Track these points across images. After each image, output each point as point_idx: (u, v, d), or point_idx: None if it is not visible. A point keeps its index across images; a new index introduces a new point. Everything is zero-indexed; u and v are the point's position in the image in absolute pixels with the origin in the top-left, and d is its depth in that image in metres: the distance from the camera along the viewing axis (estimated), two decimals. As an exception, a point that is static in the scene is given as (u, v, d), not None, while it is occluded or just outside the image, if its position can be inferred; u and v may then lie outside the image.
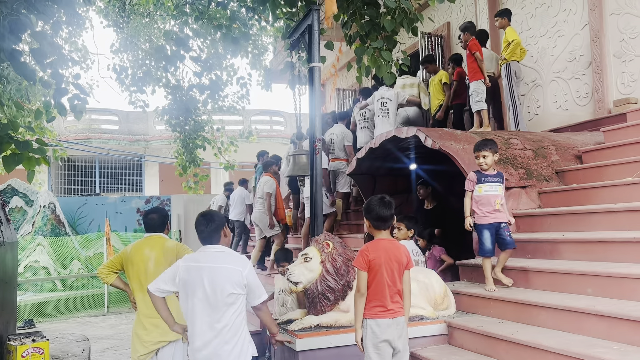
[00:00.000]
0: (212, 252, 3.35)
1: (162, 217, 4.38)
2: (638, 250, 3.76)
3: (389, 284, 3.33)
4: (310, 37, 5.17)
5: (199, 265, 3.29)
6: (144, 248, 4.22)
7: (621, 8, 6.61)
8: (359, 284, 3.34)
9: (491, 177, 4.55)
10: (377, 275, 3.31)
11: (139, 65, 12.46)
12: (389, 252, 3.36)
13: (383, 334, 3.28)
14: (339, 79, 14.16)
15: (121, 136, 21.71)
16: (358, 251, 3.43)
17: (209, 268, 3.26)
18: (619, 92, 6.65)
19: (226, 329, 3.22)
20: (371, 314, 3.32)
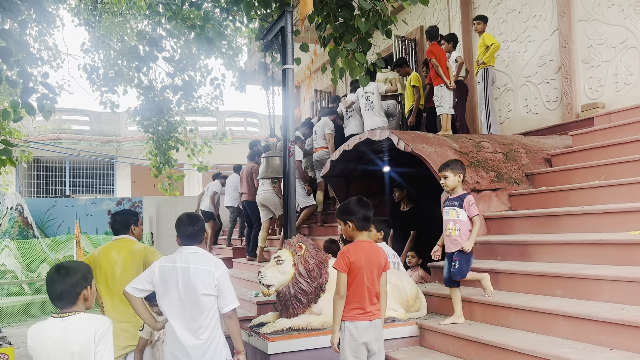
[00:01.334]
0: (188, 254, 3.36)
1: (125, 220, 4.30)
2: (603, 252, 3.83)
3: (368, 287, 3.32)
4: (283, 38, 5.16)
5: (174, 265, 3.32)
6: (112, 251, 4.16)
7: (589, 15, 6.76)
8: (338, 286, 3.30)
9: (449, 201, 4.35)
10: (357, 277, 3.30)
11: (110, 65, 12.26)
12: (369, 254, 3.36)
13: (361, 336, 3.27)
14: (315, 81, 14.16)
15: (92, 137, 21.32)
16: (338, 254, 3.37)
17: (182, 269, 3.28)
18: (586, 97, 6.80)
19: (201, 330, 3.24)
20: (350, 316, 3.29)
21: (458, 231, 4.18)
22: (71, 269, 2.59)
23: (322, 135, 8.55)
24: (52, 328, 2.51)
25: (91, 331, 2.50)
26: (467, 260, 4.19)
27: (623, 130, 5.43)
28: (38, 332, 2.53)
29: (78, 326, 2.51)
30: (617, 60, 6.42)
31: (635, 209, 4.00)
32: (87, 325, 2.52)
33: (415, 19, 10.21)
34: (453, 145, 5.60)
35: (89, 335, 2.49)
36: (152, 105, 12.32)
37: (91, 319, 2.58)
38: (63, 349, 2.47)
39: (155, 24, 9.89)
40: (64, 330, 2.49)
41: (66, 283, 2.53)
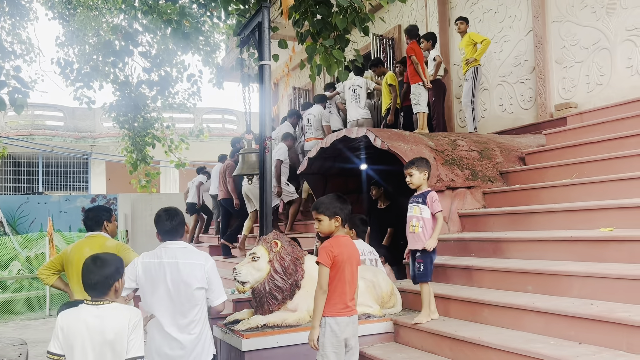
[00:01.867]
0: (173, 248, 3.31)
1: (97, 216, 4.23)
2: (574, 249, 3.90)
3: (349, 282, 3.33)
4: (260, 34, 5.13)
5: (160, 261, 3.26)
6: (84, 248, 4.06)
7: (563, 16, 6.86)
8: (321, 281, 3.27)
9: (413, 197, 4.35)
10: (339, 272, 3.29)
11: (85, 60, 12.06)
12: (349, 249, 3.37)
13: (342, 332, 3.27)
14: (294, 79, 14.12)
15: (66, 133, 20.95)
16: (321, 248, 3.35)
17: (171, 264, 3.24)
18: (560, 96, 6.90)
19: (192, 325, 3.23)
20: (332, 312, 3.28)
21: (421, 228, 4.17)
22: (107, 261, 2.70)
23: (319, 125, 8.51)
24: (88, 314, 2.59)
25: (125, 320, 2.59)
26: (432, 260, 4.19)
27: (594, 129, 5.54)
28: (73, 317, 2.60)
29: (112, 314, 2.60)
30: (589, 61, 6.54)
31: (605, 207, 4.08)
32: (121, 314, 2.62)
33: (393, 17, 10.25)
34: (429, 144, 5.64)
35: (124, 324, 2.58)
36: (128, 101, 12.16)
37: (124, 308, 2.67)
38: (98, 336, 2.55)
39: (131, 18, 9.76)
40: (99, 317, 2.58)
41: (101, 274, 2.64)
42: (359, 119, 8.37)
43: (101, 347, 2.56)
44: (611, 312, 3.08)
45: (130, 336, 2.58)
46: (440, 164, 5.41)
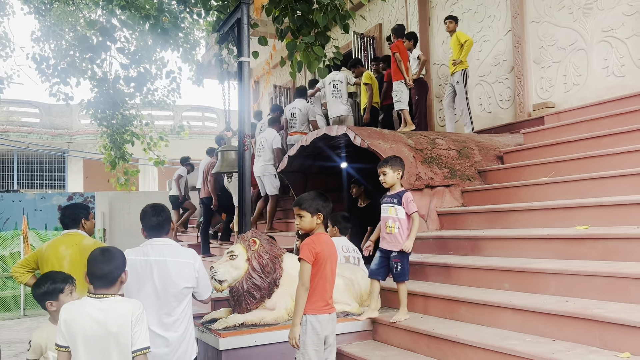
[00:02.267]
0: (160, 246, 3.28)
1: (74, 213, 4.15)
2: (550, 247, 3.93)
3: (329, 279, 3.32)
4: (239, 30, 5.08)
5: (147, 259, 3.21)
6: (60, 246, 4.01)
7: (541, 17, 6.94)
8: (303, 277, 3.24)
9: (387, 197, 4.34)
10: (321, 269, 3.27)
11: (62, 55, 11.86)
12: (329, 247, 3.36)
13: (323, 330, 3.26)
14: (274, 77, 14.07)
15: (43, 130, 20.58)
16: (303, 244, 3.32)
17: (159, 262, 3.20)
18: (538, 96, 6.98)
19: (178, 322, 3.23)
20: (313, 309, 3.26)
21: (397, 229, 4.18)
22: (114, 254, 2.75)
23: (304, 120, 8.43)
24: (91, 307, 2.62)
25: (128, 313, 2.62)
26: (408, 259, 4.22)
27: (571, 129, 5.60)
28: (76, 310, 2.62)
29: (115, 308, 2.63)
30: (566, 62, 6.62)
31: (581, 205, 4.12)
32: (124, 307, 2.64)
33: (374, 16, 10.27)
34: (408, 142, 5.65)
35: (127, 317, 2.61)
36: (106, 97, 12.00)
37: (126, 301, 2.71)
38: (102, 328, 2.58)
39: (108, 13, 9.61)
40: (102, 310, 2.60)
41: (110, 266, 2.68)
42: (341, 115, 8.36)
43: (105, 340, 2.58)
44: (585, 308, 3.11)
45: (134, 329, 2.61)
46: (419, 162, 5.42)
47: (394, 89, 7.39)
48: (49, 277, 3.17)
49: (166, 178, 18.39)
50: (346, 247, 5.02)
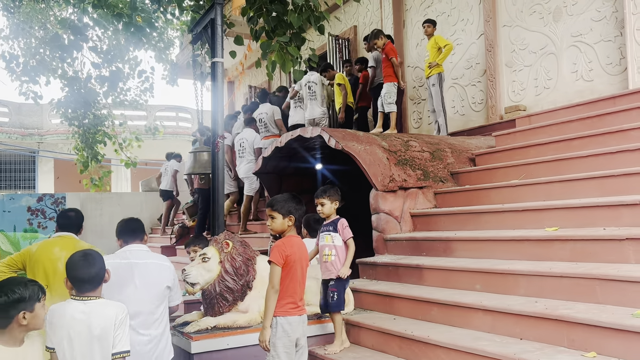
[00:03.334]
0: (137, 250, 3.45)
1: (80, 218, 4.26)
2: (521, 248, 3.98)
3: (300, 282, 3.32)
4: (213, 31, 5.04)
5: (129, 262, 3.35)
6: (53, 247, 3.95)
7: (512, 21, 7.04)
8: (272, 280, 3.24)
9: (324, 226, 4.31)
10: (291, 271, 3.28)
11: (31, 54, 11.60)
12: (300, 250, 3.37)
13: (294, 332, 3.26)
14: (249, 77, 14.01)
15: (12, 129, 20.12)
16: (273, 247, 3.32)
17: (139, 264, 3.35)
18: (510, 99, 7.08)
19: (157, 322, 3.35)
20: (283, 311, 3.26)
21: (334, 256, 4.14)
22: (95, 256, 2.77)
23: (272, 122, 8.40)
24: (74, 310, 2.64)
25: (112, 316, 2.66)
26: (345, 288, 4.19)
27: (542, 131, 5.69)
28: (60, 312, 2.65)
29: (99, 310, 2.66)
30: (537, 65, 6.72)
31: (551, 207, 4.19)
32: (107, 310, 2.68)
33: (349, 19, 10.30)
34: (382, 144, 5.67)
35: (110, 320, 2.65)
36: (77, 97, 11.75)
37: (111, 304, 2.74)
38: (85, 331, 2.61)
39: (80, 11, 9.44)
40: (86, 313, 2.63)
41: (95, 268, 2.72)
42: (316, 117, 8.34)
43: (88, 342, 2.61)
44: (554, 309, 3.16)
45: (116, 332, 2.65)
46: (393, 164, 5.45)
47: (386, 91, 7.33)
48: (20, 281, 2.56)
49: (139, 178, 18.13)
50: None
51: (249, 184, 8.01)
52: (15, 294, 2.43)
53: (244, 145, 8.10)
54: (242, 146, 8.11)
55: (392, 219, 5.28)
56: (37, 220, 13.10)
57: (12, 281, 2.55)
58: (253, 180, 7.93)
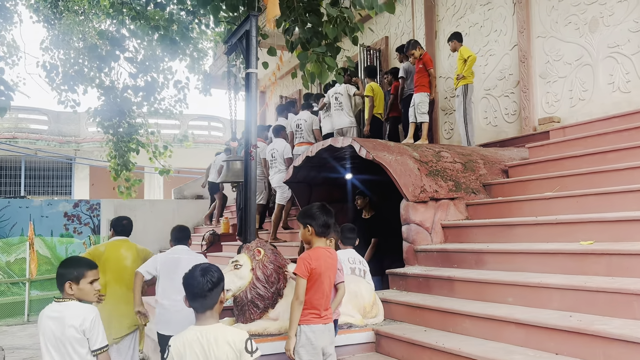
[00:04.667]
0: (181, 249, 4.84)
1: (130, 225, 5.30)
2: (554, 261, 3.93)
3: (326, 293, 3.35)
4: (247, 42, 5.13)
5: (175, 256, 4.73)
6: (120, 249, 5.04)
7: (547, 32, 6.97)
8: (297, 292, 3.30)
9: None
10: (317, 283, 3.32)
11: (70, 64, 11.96)
12: (327, 261, 3.39)
13: (318, 340, 3.28)
14: (280, 87, 14.16)
15: (50, 137, 20.72)
16: (299, 259, 3.38)
17: (181, 259, 4.67)
18: (543, 111, 7.00)
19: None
20: (306, 320, 3.31)
21: None
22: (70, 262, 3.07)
23: (310, 130, 8.55)
24: (50, 310, 2.92)
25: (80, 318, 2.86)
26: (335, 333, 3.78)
27: (577, 144, 5.62)
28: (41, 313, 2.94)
29: (70, 312, 2.88)
30: (572, 77, 6.64)
31: (585, 220, 4.13)
32: (78, 312, 2.89)
33: (381, 29, 10.34)
34: (413, 154, 5.67)
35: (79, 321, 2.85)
36: (113, 106, 12.05)
37: (82, 307, 2.94)
38: (57, 331, 2.85)
39: (118, 23, 9.72)
40: (59, 313, 2.88)
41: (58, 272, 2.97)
42: (343, 127, 8.41)
43: (60, 342, 2.84)
44: (589, 324, 3.11)
45: (91, 332, 2.86)
46: (424, 174, 5.44)
47: (420, 101, 7.34)
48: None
49: (172, 186, 18.45)
50: (352, 258, 5.01)
51: (281, 193, 8.11)
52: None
53: (275, 156, 8.21)
54: (274, 156, 8.22)
55: (423, 230, 5.26)
56: (72, 226, 13.46)
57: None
58: (285, 189, 8.00)
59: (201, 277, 2.54)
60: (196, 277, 2.55)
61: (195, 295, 2.55)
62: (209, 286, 2.54)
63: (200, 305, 2.55)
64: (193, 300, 2.56)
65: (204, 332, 2.52)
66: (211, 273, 2.57)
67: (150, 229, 14.04)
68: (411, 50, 7.52)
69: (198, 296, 2.54)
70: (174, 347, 2.49)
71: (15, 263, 11.83)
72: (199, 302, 2.55)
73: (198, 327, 2.55)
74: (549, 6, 6.96)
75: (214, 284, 2.55)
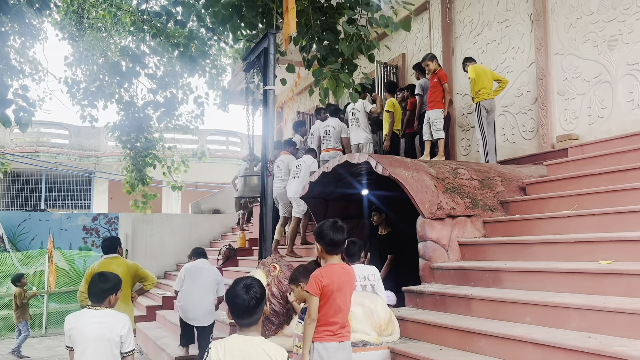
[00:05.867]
0: (201, 262, 6.87)
1: (115, 242, 5.77)
2: (573, 281, 3.88)
3: (341, 309, 3.33)
4: (265, 59, 5.20)
5: (196, 266, 6.77)
6: (111, 265, 5.38)
7: (565, 49, 6.95)
8: (310, 310, 3.29)
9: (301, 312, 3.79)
10: (329, 300, 3.30)
11: (92, 79, 12.22)
12: (341, 278, 3.37)
13: (331, 358, 3.25)
14: (297, 103, 14.26)
15: (71, 151, 21.08)
16: (311, 277, 3.38)
17: (201, 269, 6.71)
18: (562, 128, 6.95)
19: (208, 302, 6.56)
20: (319, 337, 3.29)
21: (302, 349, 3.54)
22: (108, 278, 3.69)
23: (338, 137, 8.62)
24: (89, 316, 3.51)
25: (120, 323, 3.51)
26: None
27: (595, 161, 5.56)
28: (77, 317, 3.52)
29: (108, 318, 3.51)
30: (591, 94, 6.60)
31: (604, 239, 4.08)
32: (115, 318, 3.54)
33: (397, 46, 10.39)
34: (430, 171, 5.66)
35: (118, 326, 3.49)
36: (132, 121, 12.28)
37: (117, 314, 3.59)
38: (97, 334, 3.43)
39: (139, 40, 9.92)
40: (98, 317, 3.50)
41: (101, 287, 3.60)
42: (360, 142, 8.44)
43: (101, 343, 3.43)
44: (608, 346, 3.05)
45: (126, 336, 3.50)
46: (441, 191, 5.42)
47: (435, 117, 7.33)
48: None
49: (189, 200, 18.59)
50: (363, 274, 4.95)
51: (297, 206, 8.02)
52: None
53: (300, 167, 8.21)
54: (299, 168, 8.22)
55: (440, 247, 5.23)
56: (91, 239, 13.60)
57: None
58: (301, 202, 7.98)
59: (245, 294, 2.53)
60: (240, 295, 2.53)
61: (241, 313, 2.54)
62: (254, 302, 2.53)
63: (247, 321, 2.55)
64: (239, 317, 2.55)
65: (247, 342, 2.51)
66: (254, 289, 2.57)
67: (167, 242, 14.15)
68: (427, 61, 7.51)
69: (244, 313, 2.53)
70: (214, 351, 2.48)
71: (35, 275, 11.98)
72: (245, 319, 2.54)
73: (241, 336, 2.54)
74: (567, 23, 6.95)
75: (259, 300, 2.56)
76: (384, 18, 5.32)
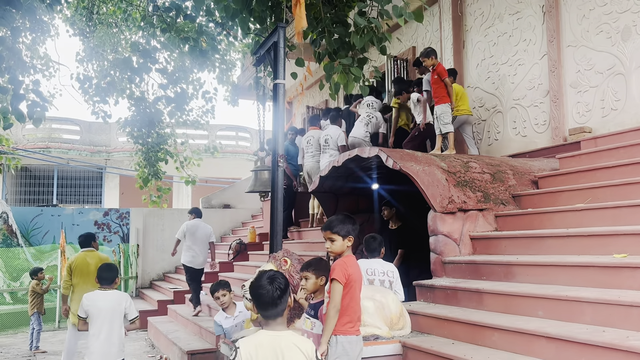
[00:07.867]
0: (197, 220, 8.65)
1: (90, 237, 6.89)
2: (586, 274, 3.85)
3: (358, 301, 3.34)
4: (275, 53, 5.18)
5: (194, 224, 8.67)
6: (86, 258, 6.58)
7: (577, 41, 6.87)
8: (334, 298, 3.25)
9: (309, 306, 3.86)
10: (351, 290, 3.30)
11: (103, 75, 12.27)
12: (358, 269, 3.40)
13: (353, 351, 3.26)
14: (308, 97, 14.24)
15: (82, 146, 21.22)
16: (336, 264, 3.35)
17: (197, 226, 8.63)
18: (574, 121, 6.88)
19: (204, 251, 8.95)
20: (343, 330, 3.27)
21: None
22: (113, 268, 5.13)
23: (335, 145, 8.65)
24: (100, 294, 4.88)
25: (123, 300, 4.94)
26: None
27: (609, 154, 5.50)
28: (93, 296, 4.86)
29: (114, 296, 4.92)
30: (604, 86, 6.52)
31: (618, 232, 4.04)
32: (119, 297, 4.96)
33: (408, 39, 10.33)
34: (441, 165, 5.63)
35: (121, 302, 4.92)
36: (143, 116, 12.32)
37: (120, 294, 5.02)
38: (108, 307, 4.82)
39: (149, 35, 9.94)
40: (108, 295, 4.88)
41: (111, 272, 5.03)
42: (358, 137, 8.41)
43: (110, 314, 4.81)
44: (624, 340, 3.02)
45: (129, 308, 4.93)
46: (452, 185, 5.40)
47: (441, 112, 7.24)
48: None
49: (200, 195, 18.66)
50: (372, 270, 4.93)
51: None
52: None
53: (328, 142, 8.81)
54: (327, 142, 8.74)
55: (451, 241, 5.21)
56: (102, 234, 13.70)
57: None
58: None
59: (269, 285, 2.54)
60: (264, 286, 2.54)
61: (266, 305, 2.54)
62: (278, 293, 2.53)
63: (272, 313, 2.54)
64: (264, 309, 2.54)
65: (276, 337, 2.50)
66: (278, 280, 2.57)
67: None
68: (424, 57, 7.38)
69: (269, 305, 2.53)
70: (244, 350, 2.45)
71: (47, 270, 12.09)
72: (271, 311, 2.54)
73: (269, 331, 2.54)
74: (580, 15, 6.87)
75: (283, 291, 2.56)
76: (397, 9, 5.27)
